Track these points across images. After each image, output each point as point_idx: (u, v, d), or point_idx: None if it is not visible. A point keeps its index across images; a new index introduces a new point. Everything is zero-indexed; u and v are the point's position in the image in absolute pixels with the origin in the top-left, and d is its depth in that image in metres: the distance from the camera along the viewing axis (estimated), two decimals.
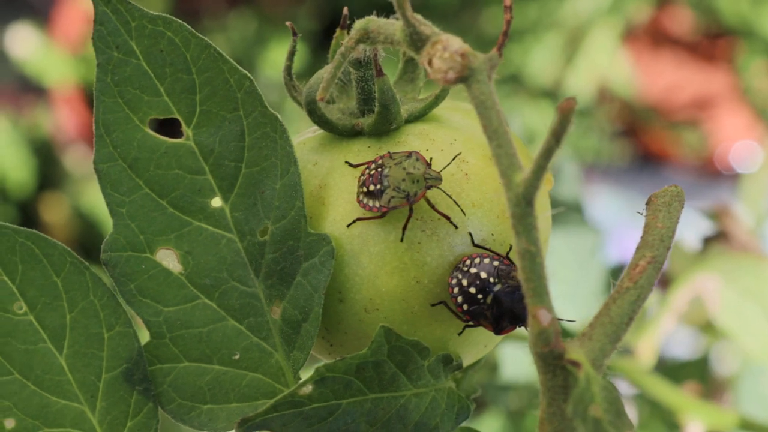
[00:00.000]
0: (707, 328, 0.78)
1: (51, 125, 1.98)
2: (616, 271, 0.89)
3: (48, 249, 0.38)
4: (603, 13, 2.02)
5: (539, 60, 2.02)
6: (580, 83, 2.01)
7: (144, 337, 0.39)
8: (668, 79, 2.18)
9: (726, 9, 2.08)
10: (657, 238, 0.35)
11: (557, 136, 0.30)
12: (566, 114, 0.29)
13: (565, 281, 0.86)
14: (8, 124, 1.90)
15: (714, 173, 2.16)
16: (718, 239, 0.74)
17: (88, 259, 0.39)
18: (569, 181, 0.89)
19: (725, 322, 0.69)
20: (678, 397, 0.64)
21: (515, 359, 0.80)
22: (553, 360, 0.33)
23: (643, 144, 2.23)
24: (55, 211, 1.88)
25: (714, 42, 2.19)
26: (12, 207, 1.86)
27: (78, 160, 1.94)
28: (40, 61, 1.99)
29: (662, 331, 0.71)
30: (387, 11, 0.36)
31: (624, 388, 0.74)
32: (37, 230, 0.38)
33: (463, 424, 0.40)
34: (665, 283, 0.74)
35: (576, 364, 0.32)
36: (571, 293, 0.86)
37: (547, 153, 0.30)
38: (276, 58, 1.96)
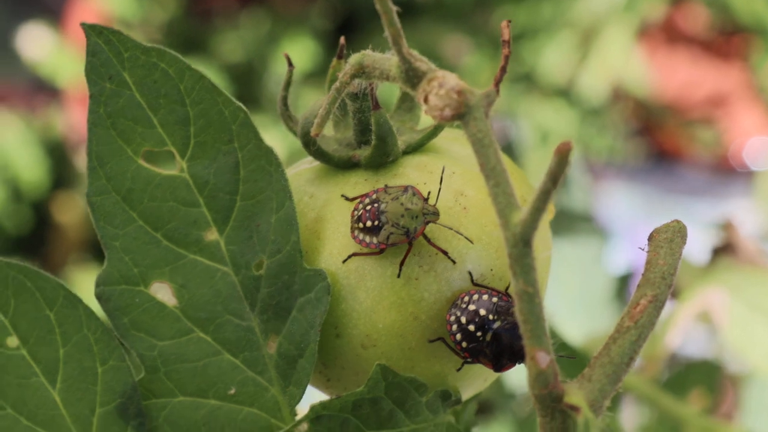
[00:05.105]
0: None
1: (64, 125, 1.98)
2: (624, 279, 0.88)
3: (40, 282, 0.38)
4: (617, 11, 2.01)
5: (553, 58, 2.01)
6: (594, 82, 2.00)
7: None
8: (683, 77, 2.16)
9: (740, 7, 2.06)
10: (658, 276, 0.34)
11: (554, 178, 0.29)
12: (563, 156, 0.29)
13: (573, 289, 0.86)
14: (21, 125, 1.90)
15: (728, 171, 2.14)
16: (725, 251, 0.73)
17: (99, 260, 0.39)
18: (579, 190, 0.88)
19: (732, 337, 0.68)
20: (685, 413, 0.64)
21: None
22: (551, 402, 0.32)
23: (658, 142, 2.22)
24: (68, 212, 1.87)
25: (728, 40, 2.18)
26: (26, 207, 1.85)
27: None
28: (53, 61, 1.98)
29: (669, 345, 0.71)
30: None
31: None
32: (51, 231, 0.38)
33: None
34: (673, 295, 0.73)
35: (575, 408, 0.31)
36: (579, 301, 0.86)
37: (545, 195, 0.30)
38: (289, 56, 1.95)
